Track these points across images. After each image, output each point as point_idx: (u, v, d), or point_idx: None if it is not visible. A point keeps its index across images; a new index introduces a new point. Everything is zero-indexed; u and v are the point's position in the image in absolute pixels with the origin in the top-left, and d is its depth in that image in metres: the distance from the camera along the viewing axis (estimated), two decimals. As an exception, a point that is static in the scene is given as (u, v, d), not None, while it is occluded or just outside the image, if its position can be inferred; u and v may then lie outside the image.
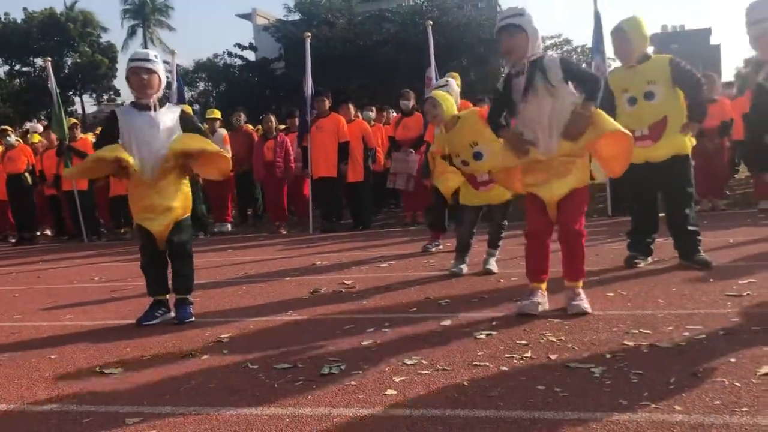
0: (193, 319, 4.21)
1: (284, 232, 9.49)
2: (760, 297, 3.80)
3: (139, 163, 4.04)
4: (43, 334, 4.18)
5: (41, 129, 12.49)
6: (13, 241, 10.97)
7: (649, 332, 3.23)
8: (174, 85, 10.21)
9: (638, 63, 4.73)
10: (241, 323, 4.08)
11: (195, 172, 4.32)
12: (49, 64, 10.91)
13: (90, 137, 10.64)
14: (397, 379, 2.82)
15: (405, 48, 22.14)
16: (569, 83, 3.64)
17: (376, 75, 22.87)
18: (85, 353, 3.62)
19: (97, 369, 3.29)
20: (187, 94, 22.43)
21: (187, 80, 28.53)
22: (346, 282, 5.20)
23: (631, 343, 3.08)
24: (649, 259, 5.03)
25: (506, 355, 3.04)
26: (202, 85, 32.66)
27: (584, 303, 3.70)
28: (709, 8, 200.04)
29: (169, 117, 4.15)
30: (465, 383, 2.72)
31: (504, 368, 2.88)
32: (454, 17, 24.19)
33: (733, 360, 2.75)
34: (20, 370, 3.37)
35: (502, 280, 4.86)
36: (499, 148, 4.09)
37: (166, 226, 4.13)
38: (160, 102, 4.16)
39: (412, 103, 9.43)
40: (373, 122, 10.78)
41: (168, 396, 2.83)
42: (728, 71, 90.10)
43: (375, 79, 22.85)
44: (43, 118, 29.33)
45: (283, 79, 25.70)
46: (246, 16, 39.01)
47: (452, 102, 5.15)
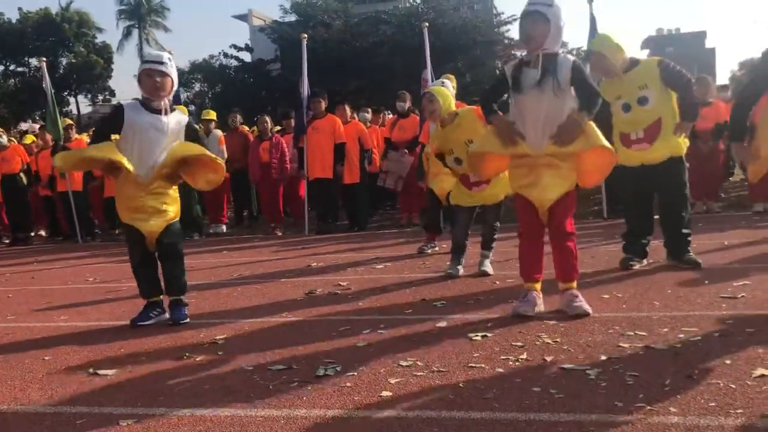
0: (188, 320, 4.19)
1: (280, 234, 9.47)
2: (754, 299, 3.81)
3: (135, 163, 3.99)
4: (37, 335, 4.16)
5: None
6: (8, 241, 10.92)
7: (644, 334, 3.24)
8: None
9: (626, 71, 4.71)
10: (236, 324, 4.07)
11: (184, 180, 4.25)
12: (44, 64, 10.89)
13: (85, 138, 10.59)
14: (393, 381, 2.82)
15: (401, 50, 22.14)
16: (572, 88, 3.66)
17: (373, 77, 22.87)
18: (79, 354, 3.61)
19: (91, 370, 3.28)
20: (183, 95, 22.39)
21: (183, 81, 28.47)
22: (341, 283, 5.19)
23: (626, 345, 3.08)
24: (644, 261, 5.04)
25: (502, 357, 3.04)
26: (197, 86, 32.69)
27: (584, 304, 3.71)
28: (705, 12, 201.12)
29: (175, 122, 4.12)
30: (460, 385, 2.72)
31: (499, 370, 2.88)
32: (450, 19, 24.24)
33: (728, 362, 2.76)
34: (14, 371, 3.36)
35: (498, 282, 4.86)
36: (484, 132, 4.07)
37: (158, 228, 4.10)
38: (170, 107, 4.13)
39: (407, 104, 9.43)
40: (369, 124, 10.78)
41: (162, 397, 2.82)
42: (723, 74, 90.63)
43: (371, 81, 22.85)
44: (38, 118, 29.27)
45: (279, 81, 25.68)
46: (242, 17, 39.00)
47: (450, 97, 5.12)
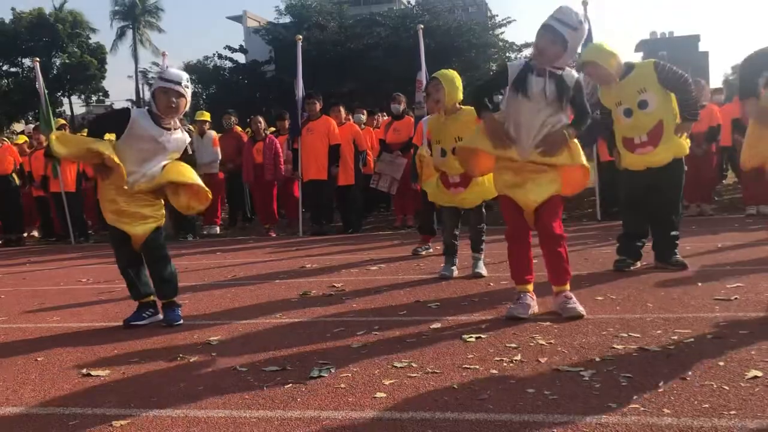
0: (181, 321, 4.18)
1: (274, 235, 9.46)
2: (747, 301, 3.83)
3: (126, 169, 3.94)
4: (30, 336, 4.14)
5: None
6: (0, 242, 10.87)
7: (638, 336, 3.25)
8: None
9: (623, 76, 4.71)
10: (230, 326, 4.06)
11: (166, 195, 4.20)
12: (38, 64, 10.84)
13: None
14: (387, 382, 2.81)
15: (396, 52, 22.20)
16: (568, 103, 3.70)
17: (367, 78, 22.90)
18: (72, 355, 3.59)
19: (84, 371, 3.26)
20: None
21: (177, 82, 28.39)
22: (335, 285, 5.19)
23: (620, 347, 3.09)
24: (638, 263, 5.05)
25: (496, 358, 3.04)
26: (191, 87, 32.59)
27: (578, 306, 3.71)
28: (698, 15, 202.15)
29: (177, 141, 4.10)
30: (455, 386, 2.71)
31: (494, 371, 2.88)
32: (445, 21, 24.33)
33: (722, 363, 2.77)
34: (6, 373, 3.34)
35: (492, 284, 4.86)
36: (475, 128, 4.08)
37: (142, 233, 4.08)
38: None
39: (402, 106, 9.45)
40: (364, 125, 10.78)
41: (156, 398, 2.81)
42: (716, 78, 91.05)
43: (366, 83, 22.87)
44: (31, 119, 29.16)
45: (273, 82, 25.70)
46: (236, 19, 39.02)
47: (455, 84, 4.94)
